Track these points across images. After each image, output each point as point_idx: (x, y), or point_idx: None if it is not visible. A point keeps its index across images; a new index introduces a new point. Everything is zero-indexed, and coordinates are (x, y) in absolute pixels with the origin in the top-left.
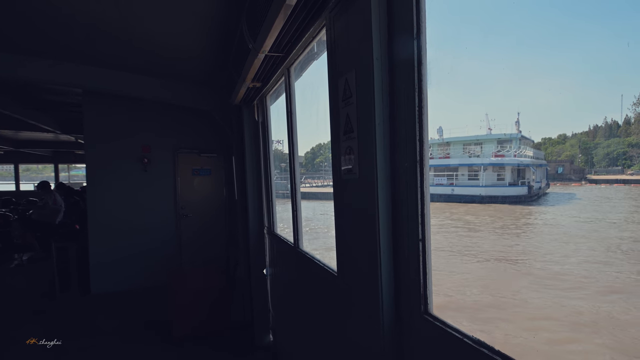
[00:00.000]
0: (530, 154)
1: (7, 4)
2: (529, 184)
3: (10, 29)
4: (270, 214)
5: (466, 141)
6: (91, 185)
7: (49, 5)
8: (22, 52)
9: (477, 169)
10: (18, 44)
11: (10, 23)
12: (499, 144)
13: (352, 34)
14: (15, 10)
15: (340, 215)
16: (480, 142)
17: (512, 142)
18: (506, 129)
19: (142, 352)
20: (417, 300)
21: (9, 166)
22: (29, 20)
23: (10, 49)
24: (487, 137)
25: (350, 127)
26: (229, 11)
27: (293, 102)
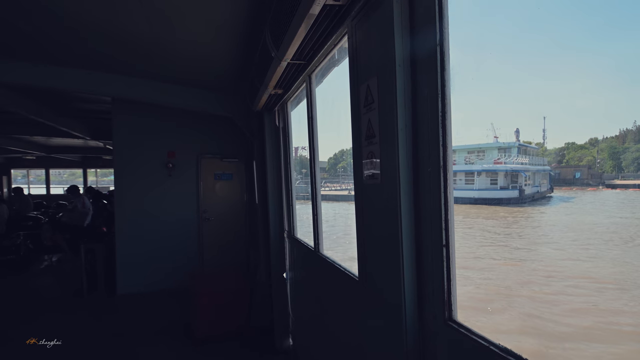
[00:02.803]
0: (526, 160)
1: (48, 19)
2: (520, 187)
3: (49, 42)
4: (291, 218)
5: (470, 149)
6: (119, 189)
7: (87, 19)
8: (60, 64)
9: (473, 174)
10: (56, 55)
11: (49, 36)
12: (499, 151)
13: (374, 41)
14: (55, 23)
15: (362, 220)
16: (482, 150)
17: (511, 150)
18: (528, 136)
19: (165, 352)
20: (440, 307)
21: (41, 171)
22: (67, 33)
23: (49, 61)
24: (488, 145)
25: (372, 133)
26: (253, 22)
27: (314, 108)
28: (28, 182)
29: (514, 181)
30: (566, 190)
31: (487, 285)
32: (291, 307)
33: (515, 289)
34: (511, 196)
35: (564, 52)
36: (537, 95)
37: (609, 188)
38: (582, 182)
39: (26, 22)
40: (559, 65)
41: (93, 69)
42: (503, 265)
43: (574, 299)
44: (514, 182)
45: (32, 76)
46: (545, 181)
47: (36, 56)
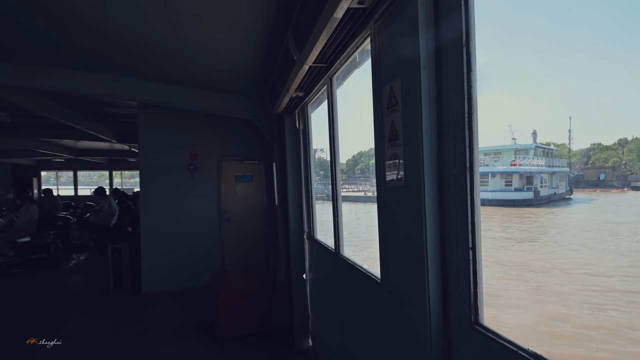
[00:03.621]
0: (542, 162)
1: (79, 28)
2: (535, 189)
3: (80, 50)
4: (311, 220)
5: (486, 151)
6: (144, 191)
7: (115, 27)
8: (89, 70)
9: (487, 176)
10: (85, 62)
11: (80, 45)
12: (516, 153)
13: (398, 43)
14: (85, 32)
15: (384, 221)
16: (499, 152)
17: (528, 152)
18: (554, 136)
19: (189, 349)
20: (467, 310)
21: (69, 173)
22: (96, 41)
23: (79, 68)
24: (505, 147)
25: (395, 135)
26: (276, 26)
27: (335, 110)
28: (57, 183)
29: (529, 183)
30: (589, 192)
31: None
32: (311, 308)
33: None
34: (525, 198)
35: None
36: (563, 95)
37: (634, 190)
38: (606, 183)
39: (60, 32)
40: (587, 63)
41: (120, 75)
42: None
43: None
44: (529, 184)
45: (63, 83)
46: (563, 183)
47: (67, 63)
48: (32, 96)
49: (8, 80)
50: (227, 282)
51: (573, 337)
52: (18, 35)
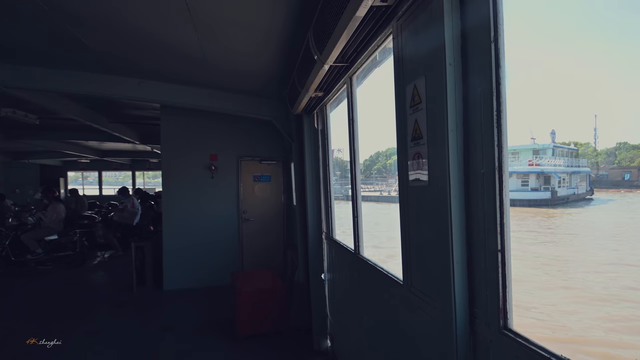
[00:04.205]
0: (561, 162)
1: (107, 32)
2: (552, 189)
3: (107, 54)
4: (329, 220)
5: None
6: (166, 190)
7: (139, 31)
8: (114, 73)
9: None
10: (111, 66)
11: (108, 49)
12: (534, 153)
13: (422, 40)
14: (112, 36)
15: (406, 222)
16: (517, 152)
17: (546, 152)
18: (577, 136)
19: (211, 347)
20: (495, 315)
21: (94, 173)
22: (121, 45)
23: (105, 71)
24: (523, 147)
25: (418, 134)
26: (296, 26)
27: (355, 110)
28: (83, 183)
29: (547, 183)
30: (613, 193)
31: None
32: (329, 308)
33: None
34: (542, 197)
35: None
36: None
37: None
38: (632, 183)
39: (90, 37)
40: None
41: (144, 78)
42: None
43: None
44: (546, 184)
45: (91, 86)
46: (583, 183)
47: (95, 67)
48: (61, 99)
49: (38, 84)
50: (246, 281)
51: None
52: (49, 41)
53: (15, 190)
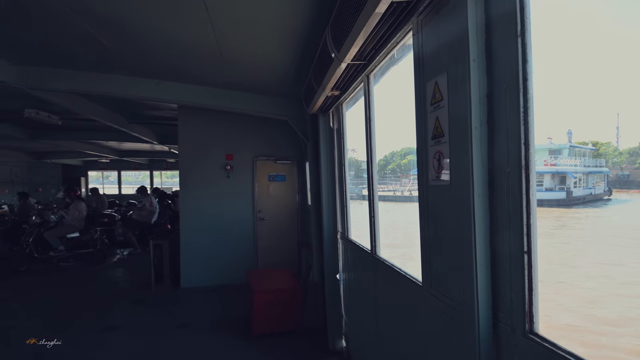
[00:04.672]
0: (577, 162)
1: (128, 35)
2: (567, 189)
3: (125, 55)
4: (345, 220)
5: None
6: (183, 190)
7: (160, 33)
8: (133, 74)
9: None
10: (130, 67)
11: (125, 49)
12: (550, 153)
13: (444, 36)
14: (133, 39)
15: (426, 223)
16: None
17: (562, 152)
18: (598, 135)
19: (225, 344)
20: (520, 318)
21: (114, 172)
22: (141, 46)
23: (124, 72)
24: (538, 147)
25: (440, 132)
26: (313, 25)
27: (372, 109)
28: (103, 182)
29: (562, 183)
30: (633, 193)
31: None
32: (344, 308)
33: None
34: (557, 198)
35: None
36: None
37: None
38: None
39: (111, 39)
40: None
41: (162, 79)
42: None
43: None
44: (561, 184)
45: (111, 87)
46: (602, 183)
47: (115, 69)
48: (82, 100)
49: (60, 85)
50: (261, 280)
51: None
52: (71, 43)
53: (38, 189)
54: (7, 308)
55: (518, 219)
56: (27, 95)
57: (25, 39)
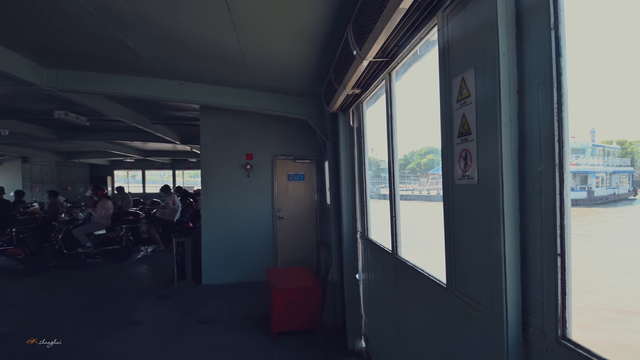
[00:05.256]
0: (599, 162)
1: (152, 37)
2: (588, 189)
3: (150, 57)
4: (364, 219)
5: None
6: (205, 189)
7: (183, 34)
8: (157, 75)
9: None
10: (156, 69)
11: (150, 52)
12: (572, 153)
13: (472, 31)
14: (155, 40)
15: (451, 223)
16: None
17: (584, 151)
18: (628, 134)
19: (246, 341)
20: (552, 323)
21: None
22: (166, 49)
23: (149, 74)
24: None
25: (466, 129)
26: (335, 23)
27: (394, 107)
28: (128, 181)
29: (583, 183)
30: None
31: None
32: (364, 309)
33: None
34: (577, 197)
35: None
36: None
37: None
38: None
39: (136, 41)
40: None
41: (185, 80)
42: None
43: None
44: (582, 184)
45: (137, 88)
46: (627, 183)
47: (140, 71)
48: (109, 102)
49: (88, 87)
50: (281, 278)
51: None
52: (98, 46)
53: (67, 188)
54: (38, 301)
55: (551, 220)
56: (56, 98)
57: (55, 44)
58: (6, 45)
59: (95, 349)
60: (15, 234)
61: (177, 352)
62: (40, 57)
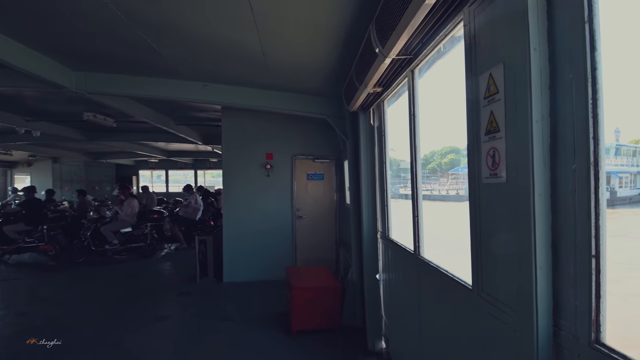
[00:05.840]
0: (624, 162)
1: (177, 39)
2: (612, 189)
3: (175, 59)
4: (385, 219)
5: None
6: (226, 188)
7: (206, 36)
8: (182, 77)
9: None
10: (178, 71)
11: (175, 54)
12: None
13: (500, 25)
14: (180, 43)
15: (477, 223)
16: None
17: (608, 151)
18: None
19: (266, 339)
20: (585, 327)
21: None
22: (190, 50)
23: (174, 76)
24: None
25: (494, 127)
26: (357, 21)
27: (416, 105)
28: (152, 181)
29: (607, 183)
30: None
31: None
32: (384, 309)
33: None
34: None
35: None
36: None
37: None
38: None
39: (161, 43)
40: None
41: (208, 81)
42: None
43: None
44: (606, 184)
45: (162, 90)
46: None
47: (165, 73)
48: (135, 103)
49: (116, 90)
50: (301, 277)
51: None
52: (126, 49)
53: (94, 187)
54: (68, 296)
55: (585, 221)
56: (85, 100)
57: (85, 48)
58: (38, 49)
59: (123, 344)
60: (47, 231)
61: (200, 348)
62: (70, 60)
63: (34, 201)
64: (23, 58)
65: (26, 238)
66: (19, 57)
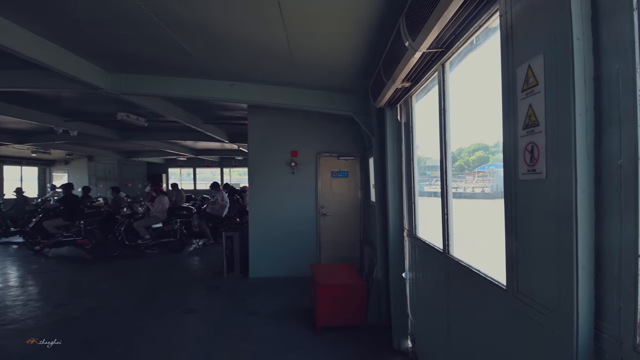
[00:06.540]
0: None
1: (206, 39)
2: None
3: (205, 59)
4: (412, 217)
5: None
6: (252, 185)
7: (234, 35)
8: (210, 77)
9: None
10: (207, 71)
11: (205, 54)
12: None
13: (540, 14)
14: (209, 43)
15: (513, 221)
16: None
17: None
18: None
19: (291, 333)
20: (630, 330)
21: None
22: (219, 50)
23: (203, 75)
24: None
25: (533, 121)
26: (384, 15)
27: (447, 100)
28: (180, 178)
29: None
30: None
31: None
32: (410, 308)
33: None
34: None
35: None
36: None
37: None
38: None
39: (191, 43)
40: None
41: (235, 80)
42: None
43: None
44: None
45: (191, 90)
46: None
47: (194, 73)
48: (165, 103)
49: (148, 90)
50: (326, 274)
51: None
52: (158, 50)
53: (127, 184)
54: (103, 288)
55: (632, 219)
56: (119, 100)
57: (120, 50)
58: (75, 52)
59: (155, 334)
60: (83, 226)
61: (227, 341)
62: (106, 62)
63: (71, 197)
64: (63, 61)
65: (64, 232)
66: (59, 59)
